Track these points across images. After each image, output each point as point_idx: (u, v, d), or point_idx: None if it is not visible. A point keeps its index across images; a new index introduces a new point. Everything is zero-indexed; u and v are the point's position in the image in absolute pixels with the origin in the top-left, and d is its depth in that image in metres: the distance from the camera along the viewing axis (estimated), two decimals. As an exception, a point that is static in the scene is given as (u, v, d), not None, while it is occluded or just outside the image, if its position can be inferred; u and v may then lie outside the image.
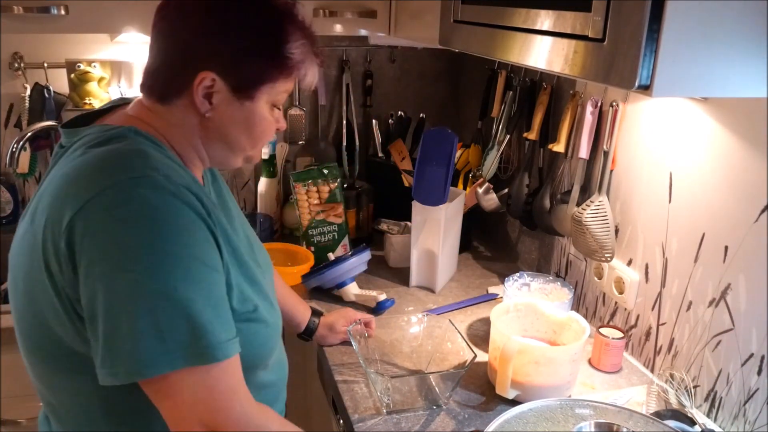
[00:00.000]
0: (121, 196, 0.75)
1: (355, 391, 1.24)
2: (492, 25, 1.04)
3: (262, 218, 1.96)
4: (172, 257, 0.76)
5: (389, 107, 2.12)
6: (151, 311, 0.74)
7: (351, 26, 1.67)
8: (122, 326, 0.74)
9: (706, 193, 1.17)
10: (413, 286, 1.69)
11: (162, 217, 0.76)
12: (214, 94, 0.86)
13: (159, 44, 0.88)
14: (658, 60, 0.74)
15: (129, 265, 0.74)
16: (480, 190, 1.74)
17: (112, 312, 0.75)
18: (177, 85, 0.87)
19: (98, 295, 0.75)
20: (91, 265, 0.75)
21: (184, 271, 0.76)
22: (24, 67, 1.80)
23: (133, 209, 0.75)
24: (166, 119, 0.89)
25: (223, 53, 0.85)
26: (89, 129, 0.87)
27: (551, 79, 1.57)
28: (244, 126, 0.91)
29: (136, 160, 0.79)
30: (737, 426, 1.13)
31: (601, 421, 1.01)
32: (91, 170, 0.78)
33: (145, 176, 0.77)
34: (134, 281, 0.74)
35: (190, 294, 0.76)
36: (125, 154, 0.80)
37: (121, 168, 0.77)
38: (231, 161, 0.96)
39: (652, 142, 1.29)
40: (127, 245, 0.74)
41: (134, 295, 0.74)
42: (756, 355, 1.09)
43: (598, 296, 1.50)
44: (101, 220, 0.75)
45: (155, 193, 0.77)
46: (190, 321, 0.76)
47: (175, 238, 0.76)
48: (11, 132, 1.85)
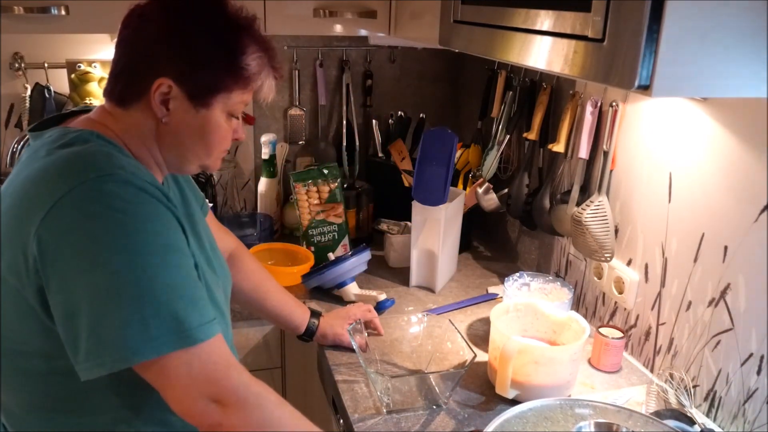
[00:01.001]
0: (90, 193, 0.78)
1: (355, 391, 1.25)
2: (492, 25, 1.04)
3: (262, 218, 1.96)
4: (147, 246, 0.79)
5: (389, 107, 2.12)
6: (134, 300, 0.77)
7: (351, 26, 1.67)
8: (107, 318, 0.77)
9: (706, 193, 1.17)
10: (413, 286, 1.69)
11: (133, 209, 0.79)
12: (170, 101, 0.89)
13: (121, 51, 0.91)
14: (657, 60, 0.74)
15: (107, 259, 0.77)
16: (480, 190, 1.74)
17: (94, 305, 0.77)
18: (136, 90, 0.90)
19: (78, 291, 0.77)
20: (67, 263, 0.77)
21: (161, 258, 0.80)
22: (24, 67, 1.80)
23: (103, 205, 0.78)
24: (125, 123, 0.92)
25: (180, 61, 0.88)
26: (52, 131, 0.89)
27: (551, 79, 1.57)
28: (199, 133, 0.93)
29: (102, 160, 0.82)
30: (737, 426, 1.13)
31: (600, 420, 1.01)
32: (58, 171, 0.80)
33: (113, 173, 0.80)
34: (114, 273, 0.77)
35: (169, 280, 0.80)
36: (90, 155, 0.83)
37: (88, 167, 0.80)
38: (185, 167, 0.99)
39: (652, 142, 1.29)
40: (103, 239, 0.77)
41: (115, 286, 0.77)
42: (755, 355, 1.09)
43: (598, 296, 1.50)
44: (74, 218, 0.77)
45: (124, 188, 0.79)
46: (172, 306, 0.79)
47: (149, 228, 0.80)
48: (12, 132, 1.85)
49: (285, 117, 2.07)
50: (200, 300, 0.84)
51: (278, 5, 1.60)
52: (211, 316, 0.84)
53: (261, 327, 1.63)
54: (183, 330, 0.79)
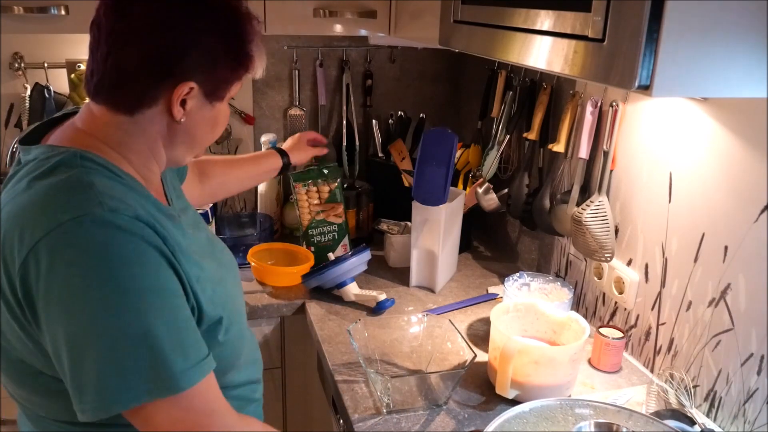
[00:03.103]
0: (65, 237, 0.74)
1: (355, 391, 1.24)
2: (492, 25, 1.04)
3: (262, 218, 1.96)
4: (123, 292, 0.75)
5: (389, 107, 2.12)
6: (109, 349, 0.74)
7: (351, 26, 1.67)
8: (84, 366, 0.75)
9: (706, 193, 1.17)
10: (413, 286, 1.69)
11: (109, 253, 0.75)
12: (188, 100, 0.86)
13: (123, 54, 0.83)
14: (657, 60, 0.74)
15: (81, 306, 0.74)
16: (480, 190, 1.74)
17: (73, 352, 0.75)
18: (150, 96, 0.85)
19: (58, 336, 0.75)
20: (47, 307, 0.75)
21: (138, 304, 0.76)
22: (24, 67, 1.80)
23: (79, 249, 0.74)
24: (125, 129, 0.87)
25: (200, 62, 0.85)
26: (37, 149, 0.85)
27: (551, 79, 1.57)
28: (210, 125, 0.93)
29: (79, 196, 0.77)
30: (737, 426, 1.13)
31: (600, 420, 1.01)
32: (35, 211, 0.77)
33: (88, 214, 0.75)
34: (89, 321, 0.74)
35: (147, 327, 0.76)
36: (68, 190, 0.78)
37: (65, 207, 0.76)
38: (188, 159, 0.97)
39: (652, 142, 1.29)
40: (78, 286, 0.74)
41: (91, 335, 0.74)
42: (756, 355, 1.09)
43: (598, 296, 1.50)
44: (50, 264, 0.74)
45: (100, 230, 0.75)
46: (150, 353, 0.76)
47: (126, 272, 0.75)
48: (11, 132, 1.85)
49: (285, 117, 2.07)
50: (186, 341, 0.80)
51: (278, 5, 1.60)
52: (200, 356, 0.81)
53: (261, 327, 1.63)
54: (162, 379, 0.76)
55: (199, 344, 0.82)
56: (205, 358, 0.82)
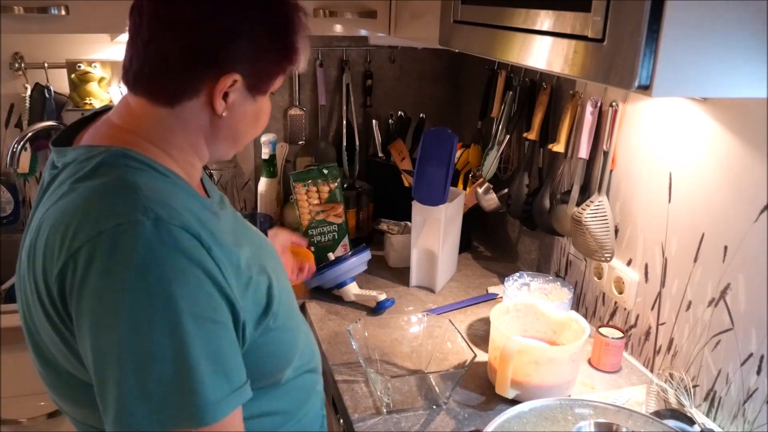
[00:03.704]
0: (104, 246, 0.70)
1: (355, 391, 1.24)
2: (492, 25, 1.04)
3: (262, 218, 1.96)
4: (158, 312, 0.70)
5: (389, 107, 2.12)
6: (137, 371, 0.69)
7: (351, 26, 1.67)
8: (108, 384, 0.70)
9: (706, 193, 1.17)
10: (413, 286, 1.69)
11: (148, 268, 0.70)
12: (230, 94, 0.82)
13: (166, 41, 0.79)
14: (657, 60, 0.74)
15: (111, 321, 0.70)
16: (480, 190, 1.74)
17: (100, 370, 0.71)
18: (192, 86, 0.81)
19: (88, 351, 0.72)
20: (78, 318, 0.72)
21: (172, 326, 0.70)
22: (24, 67, 1.80)
23: (116, 261, 0.70)
24: (168, 123, 0.83)
25: (247, 53, 0.81)
26: (75, 151, 0.81)
27: (551, 79, 1.57)
28: (253, 119, 0.89)
29: (123, 201, 0.73)
30: (736, 425, 1.13)
31: (600, 420, 1.01)
32: (77, 216, 0.73)
33: (132, 222, 0.71)
34: (117, 338, 0.69)
35: (180, 350, 0.70)
36: (112, 193, 0.75)
37: (108, 213, 0.72)
38: (230, 154, 0.93)
39: (652, 142, 1.29)
40: (110, 300, 0.70)
41: (119, 354, 0.69)
42: (755, 355, 1.09)
43: (598, 296, 1.50)
44: (85, 273, 0.70)
45: (142, 242, 0.70)
46: (179, 380, 0.70)
47: (163, 291, 0.70)
48: (12, 132, 1.85)
49: (285, 117, 2.07)
50: (222, 368, 0.73)
51: (278, 5, 1.60)
52: (237, 383, 0.75)
53: (261, 327, 1.63)
54: (189, 408, 0.70)
55: (238, 371, 0.76)
56: (242, 387, 0.76)
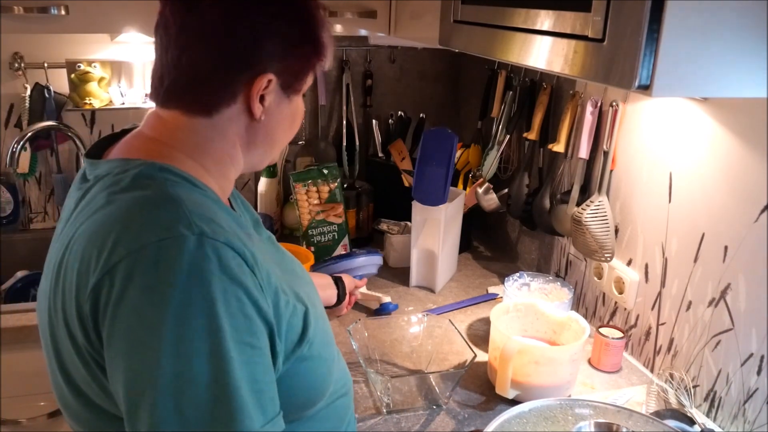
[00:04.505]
0: (146, 261, 0.67)
1: (355, 391, 1.24)
2: (492, 25, 1.04)
3: (262, 218, 1.95)
4: (200, 334, 0.66)
5: (389, 107, 2.12)
6: (174, 395, 0.65)
7: (351, 26, 1.67)
8: (142, 410, 0.66)
9: (706, 193, 1.17)
10: (413, 286, 1.69)
11: (192, 286, 0.66)
12: (266, 96, 0.80)
13: (197, 51, 0.77)
14: (657, 60, 0.74)
15: (151, 341, 0.66)
16: (480, 190, 1.74)
17: (133, 393, 0.67)
18: (230, 92, 0.78)
19: (120, 374, 0.67)
20: (112, 337, 0.67)
21: (213, 349, 0.67)
22: (24, 67, 1.80)
23: (160, 277, 0.66)
24: (205, 134, 0.80)
25: (277, 51, 0.79)
26: (108, 163, 0.78)
27: (551, 79, 1.57)
28: (289, 121, 0.86)
29: (167, 213, 0.70)
30: (737, 426, 1.13)
31: (600, 420, 1.01)
32: (116, 228, 0.69)
33: (176, 237, 0.67)
34: (156, 360, 0.65)
35: (219, 377, 0.67)
36: (154, 205, 0.71)
37: (150, 226, 0.69)
38: (265, 162, 0.89)
39: (652, 142, 1.29)
40: (151, 318, 0.66)
41: (156, 376, 0.65)
42: (756, 355, 1.09)
43: (598, 296, 1.50)
44: (123, 288, 0.66)
45: (186, 258, 0.67)
46: (217, 408, 0.66)
47: (206, 312, 0.67)
48: (11, 132, 1.85)
49: (285, 117, 2.07)
50: (260, 397, 0.70)
51: (278, 5, 1.60)
52: (272, 414, 0.71)
53: (261, 327, 1.63)
54: None
55: (273, 401, 0.73)
56: (276, 417, 0.72)
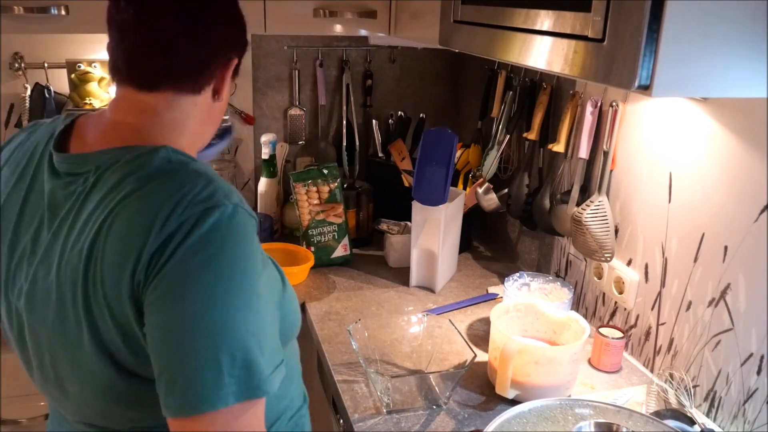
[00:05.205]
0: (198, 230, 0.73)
1: (355, 391, 1.24)
2: (492, 25, 1.04)
3: (262, 218, 1.96)
4: (237, 288, 0.73)
5: (389, 107, 2.13)
6: (214, 344, 0.71)
7: (351, 26, 1.67)
8: (177, 358, 0.71)
9: (706, 193, 1.17)
10: (413, 286, 1.69)
11: (233, 247, 0.74)
12: (227, 77, 0.89)
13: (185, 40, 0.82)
14: (657, 60, 0.74)
15: (191, 295, 0.72)
16: (480, 190, 1.74)
17: (170, 342, 0.72)
18: (211, 72, 0.86)
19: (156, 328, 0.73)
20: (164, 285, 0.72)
21: (245, 302, 0.74)
22: (24, 67, 1.80)
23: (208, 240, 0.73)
24: (188, 112, 0.86)
25: (237, 35, 0.88)
26: (107, 154, 0.80)
27: (551, 79, 1.57)
28: (226, 105, 0.94)
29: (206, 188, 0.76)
30: (737, 425, 1.13)
31: (600, 420, 1.01)
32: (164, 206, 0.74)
33: (219, 206, 0.75)
34: (195, 311, 0.71)
35: (249, 326, 0.73)
36: (192, 182, 0.76)
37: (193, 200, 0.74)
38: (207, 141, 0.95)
39: (652, 142, 1.29)
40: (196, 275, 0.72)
41: (195, 326, 0.71)
42: (755, 355, 1.09)
43: (598, 296, 1.50)
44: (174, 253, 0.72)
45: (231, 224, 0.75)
46: (246, 354, 0.72)
47: (243, 269, 0.75)
48: (11, 132, 1.85)
49: (285, 117, 2.07)
50: (272, 344, 0.77)
51: (278, 5, 1.60)
52: (278, 360, 0.77)
53: (261, 327, 1.63)
54: (252, 381, 0.73)
55: (280, 349, 0.80)
56: (280, 366, 0.78)
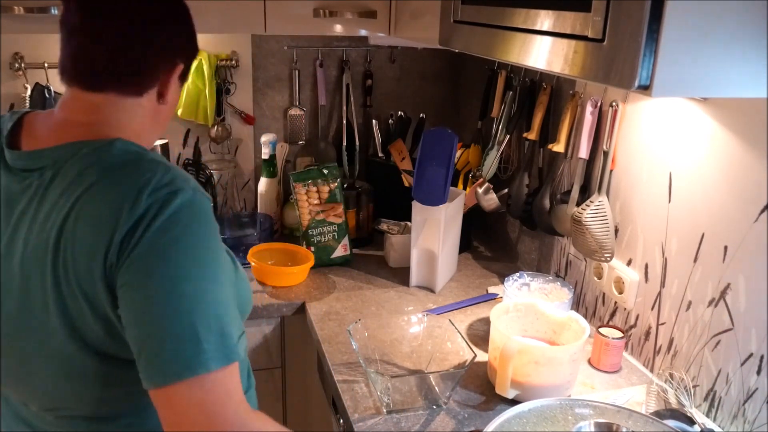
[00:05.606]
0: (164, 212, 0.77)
1: (355, 391, 1.25)
2: (492, 25, 1.04)
3: (262, 218, 1.96)
4: (205, 262, 0.79)
5: (389, 107, 2.13)
6: (188, 315, 0.76)
7: (351, 26, 1.67)
8: (155, 330, 0.75)
9: (706, 193, 1.17)
10: (413, 286, 1.69)
11: (196, 226, 0.79)
12: (173, 81, 0.91)
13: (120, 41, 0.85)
14: (657, 60, 0.74)
15: (163, 270, 0.76)
16: (480, 190, 1.74)
17: (148, 317, 0.76)
18: (156, 76, 0.88)
19: (134, 304, 0.77)
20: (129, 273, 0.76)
21: (213, 274, 0.79)
22: (24, 67, 1.80)
23: (174, 220, 0.77)
24: (133, 112, 0.88)
25: (185, 41, 0.91)
26: (62, 149, 0.83)
27: (551, 79, 1.57)
28: (175, 108, 0.96)
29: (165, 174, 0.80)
30: (736, 425, 1.13)
31: (600, 420, 1.01)
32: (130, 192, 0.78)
33: (181, 189, 0.79)
34: (171, 285, 0.76)
35: (218, 296, 0.79)
36: (152, 170, 0.80)
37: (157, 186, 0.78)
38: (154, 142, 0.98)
39: (652, 142, 1.29)
40: (165, 252, 0.77)
41: (170, 297, 0.76)
42: (755, 355, 1.09)
43: (598, 296, 1.50)
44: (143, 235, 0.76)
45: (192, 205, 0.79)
46: (219, 322, 0.78)
47: (208, 246, 0.80)
48: (11, 132, 1.85)
49: (285, 117, 2.07)
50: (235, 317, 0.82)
51: (278, 5, 1.60)
52: (241, 330, 0.84)
53: (261, 327, 1.63)
54: (226, 347, 0.77)
55: (240, 319, 0.86)
56: (243, 333, 0.86)
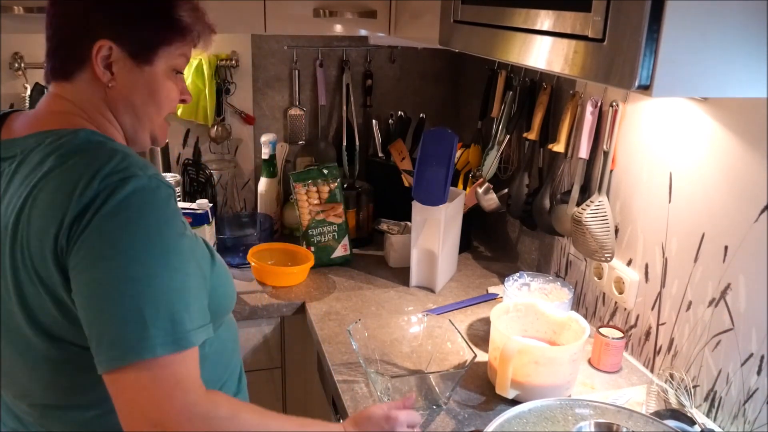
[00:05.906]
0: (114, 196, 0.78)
1: (355, 391, 1.24)
2: (492, 25, 1.04)
3: (262, 218, 1.96)
4: (156, 248, 0.80)
5: (389, 107, 2.12)
6: (134, 298, 0.77)
7: (351, 26, 1.67)
8: (108, 311, 0.77)
9: (706, 193, 1.17)
10: (413, 286, 1.69)
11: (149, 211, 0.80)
12: (113, 63, 0.89)
13: (54, 23, 0.90)
14: (657, 60, 0.74)
15: (114, 254, 0.78)
16: (480, 190, 1.74)
17: (95, 300, 0.78)
18: (77, 58, 0.89)
19: (83, 288, 0.78)
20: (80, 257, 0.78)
21: (165, 260, 0.80)
22: (24, 67, 1.80)
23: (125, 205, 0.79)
24: (78, 98, 0.91)
25: (116, 20, 0.89)
26: (32, 138, 0.86)
27: (551, 79, 1.57)
28: (147, 92, 0.94)
29: (122, 161, 0.82)
30: (737, 426, 1.13)
31: (600, 420, 1.01)
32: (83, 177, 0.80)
33: (135, 176, 0.80)
34: (118, 269, 0.78)
35: (170, 282, 0.80)
36: (109, 158, 0.82)
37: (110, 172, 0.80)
38: (140, 135, 0.97)
39: (652, 142, 1.29)
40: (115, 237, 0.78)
41: (116, 281, 0.77)
42: (756, 355, 1.09)
43: (598, 296, 1.50)
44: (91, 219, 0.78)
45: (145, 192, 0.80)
46: (170, 307, 0.79)
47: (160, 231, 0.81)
48: (11, 132, 1.85)
49: (285, 117, 2.07)
50: (193, 304, 0.83)
51: (278, 5, 1.60)
52: (205, 321, 0.84)
53: (261, 327, 1.63)
54: (177, 333, 0.79)
55: (206, 310, 0.86)
56: (207, 325, 0.85)
